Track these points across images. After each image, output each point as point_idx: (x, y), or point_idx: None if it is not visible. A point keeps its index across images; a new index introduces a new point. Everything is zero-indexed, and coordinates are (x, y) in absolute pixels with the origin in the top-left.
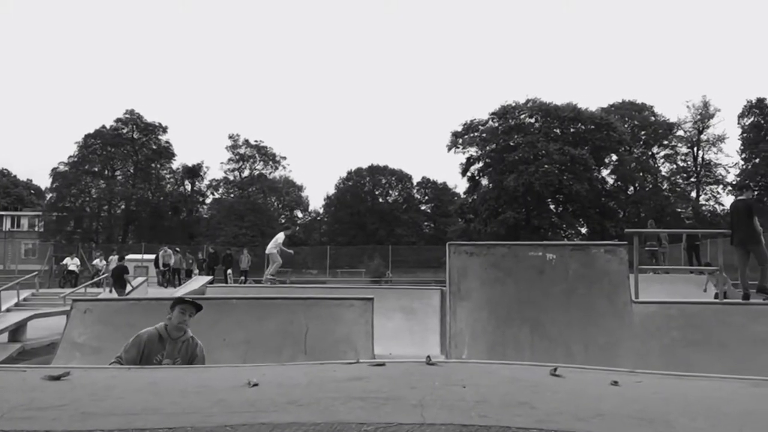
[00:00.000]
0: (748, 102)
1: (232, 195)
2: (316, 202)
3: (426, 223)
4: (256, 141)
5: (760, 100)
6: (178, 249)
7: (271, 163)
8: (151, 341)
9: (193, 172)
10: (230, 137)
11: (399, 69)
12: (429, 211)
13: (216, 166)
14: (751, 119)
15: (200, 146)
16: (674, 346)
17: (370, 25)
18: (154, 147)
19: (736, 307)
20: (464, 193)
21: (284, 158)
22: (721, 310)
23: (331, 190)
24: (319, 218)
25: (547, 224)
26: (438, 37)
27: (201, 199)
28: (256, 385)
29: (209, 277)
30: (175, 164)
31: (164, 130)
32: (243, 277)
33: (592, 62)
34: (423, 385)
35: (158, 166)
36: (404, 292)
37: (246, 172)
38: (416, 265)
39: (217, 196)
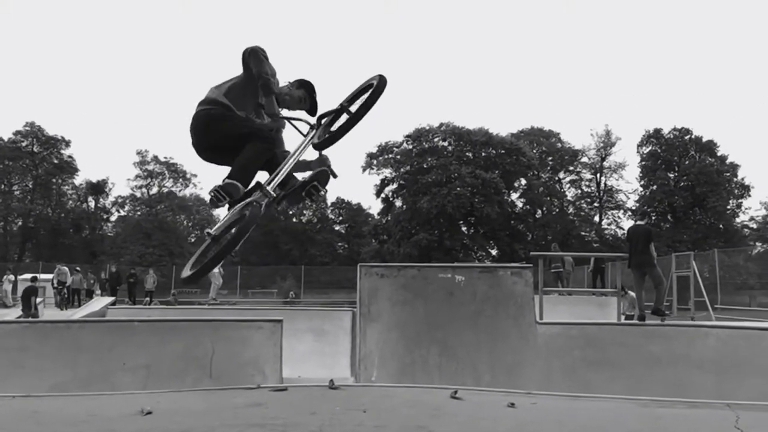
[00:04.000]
0: (646, 132)
1: (138, 213)
2: None
3: (340, 244)
4: (165, 158)
5: (657, 131)
6: (78, 268)
7: (181, 180)
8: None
9: (98, 189)
10: (138, 153)
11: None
12: (343, 231)
13: (122, 183)
14: (649, 148)
15: (106, 161)
16: (575, 365)
17: (285, 41)
18: (56, 161)
19: (632, 327)
20: (378, 214)
21: (195, 176)
22: (618, 330)
23: None
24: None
25: (459, 246)
26: (353, 58)
27: (105, 217)
28: (149, 413)
29: (111, 298)
30: (78, 180)
31: (67, 144)
32: (148, 298)
33: (503, 89)
34: (324, 411)
35: (60, 181)
36: (315, 313)
37: (154, 190)
38: (329, 285)
39: (122, 213)
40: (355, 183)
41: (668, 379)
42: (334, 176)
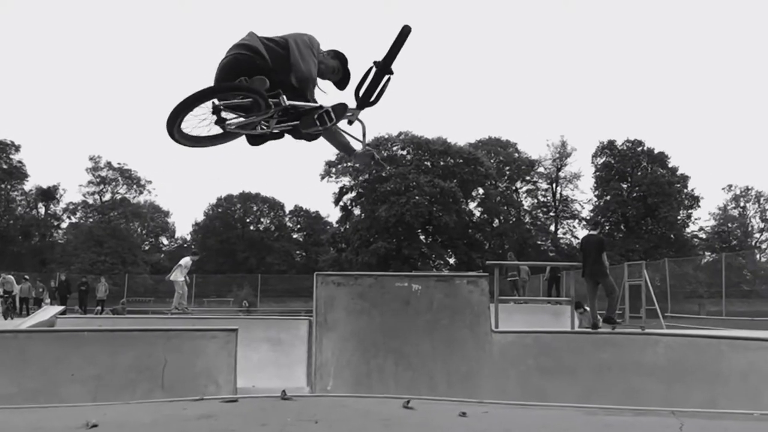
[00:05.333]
0: (600, 143)
1: (90, 220)
2: (184, 229)
3: (298, 252)
4: (119, 163)
5: (611, 142)
6: (26, 276)
7: (135, 187)
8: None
9: (48, 195)
10: (91, 159)
11: None
12: (301, 239)
13: (74, 189)
14: (603, 159)
15: (57, 167)
16: (530, 373)
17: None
18: (5, 167)
19: (585, 336)
20: (336, 222)
21: (150, 182)
22: (571, 339)
23: (200, 217)
24: (186, 245)
25: (417, 254)
26: None
27: (56, 224)
28: (95, 426)
29: (61, 307)
30: (28, 185)
31: (17, 148)
32: (99, 307)
33: (462, 99)
34: (275, 422)
35: (8, 187)
36: (271, 322)
37: (107, 196)
38: (286, 294)
39: (74, 220)
40: (313, 191)
41: (619, 386)
42: (380, 166)
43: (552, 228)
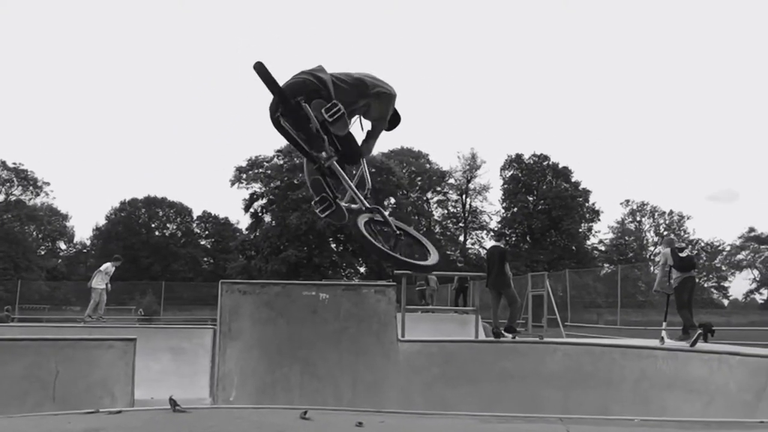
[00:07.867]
0: (508, 156)
1: None
2: (84, 233)
3: (205, 259)
4: (14, 163)
5: (519, 156)
6: None
7: (31, 188)
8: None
9: None
10: None
11: (182, 97)
12: (209, 246)
13: None
14: (511, 172)
15: None
16: (434, 382)
17: (151, 49)
18: None
19: (487, 345)
20: (246, 229)
21: (47, 184)
22: (475, 347)
23: (102, 221)
24: (85, 251)
25: (327, 263)
26: (224, 70)
27: None
28: None
29: None
30: None
31: None
32: None
33: None
34: None
35: None
36: (174, 331)
37: (0, 198)
38: (193, 302)
39: None
40: (222, 197)
41: (520, 394)
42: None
43: (461, 238)
